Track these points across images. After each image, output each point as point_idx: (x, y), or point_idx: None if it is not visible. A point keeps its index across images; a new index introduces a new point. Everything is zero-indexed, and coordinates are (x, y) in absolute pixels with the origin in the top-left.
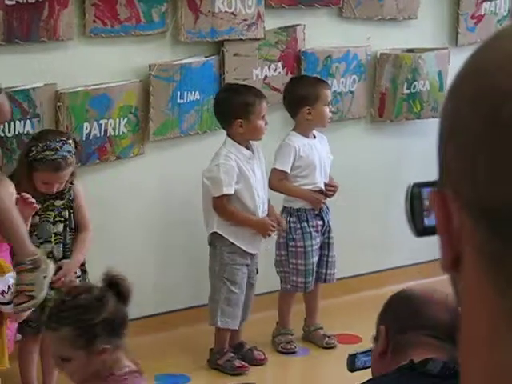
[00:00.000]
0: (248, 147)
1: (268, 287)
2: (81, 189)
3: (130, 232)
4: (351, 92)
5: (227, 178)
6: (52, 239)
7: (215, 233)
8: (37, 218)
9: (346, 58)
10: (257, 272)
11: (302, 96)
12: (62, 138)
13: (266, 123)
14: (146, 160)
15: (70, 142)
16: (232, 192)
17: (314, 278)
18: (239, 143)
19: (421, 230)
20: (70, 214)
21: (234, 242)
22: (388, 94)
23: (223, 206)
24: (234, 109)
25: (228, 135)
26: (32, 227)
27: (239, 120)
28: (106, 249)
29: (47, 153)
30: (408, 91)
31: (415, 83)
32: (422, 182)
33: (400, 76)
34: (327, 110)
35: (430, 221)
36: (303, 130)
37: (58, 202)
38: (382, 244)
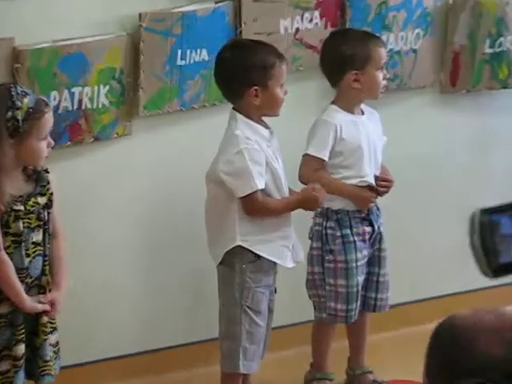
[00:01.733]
0: (263, 125)
1: (298, 316)
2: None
3: (110, 240)
4: (414, 51)
5: (257, 167)
6: (30, 251)
7: (235, 248)
8: (20, 224)
9: (407, 4)
10: (275, 291)
11: (348, 56)
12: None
13: (285, 93)
14: (133, 142)
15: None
16: (264, 185)
17: (359, 304)
18: (252, 120)
19: (496, 269)
20: (48, 214)
21: (263, 255)
22: (464, 55)
23: (259, 203)
24: (247, 73)
25: (236, 109)
26: (18, 237)
27: (254, 87)
28: (77, 261)
29: (26, 100)
30: (491, 50)
31: (501, 40)
32: (492, 207)
33: (480, 30)
34: (381, 75)
35: (505, 257)
36: (347, 102)
37: (42, 200)
38: (449, 260)
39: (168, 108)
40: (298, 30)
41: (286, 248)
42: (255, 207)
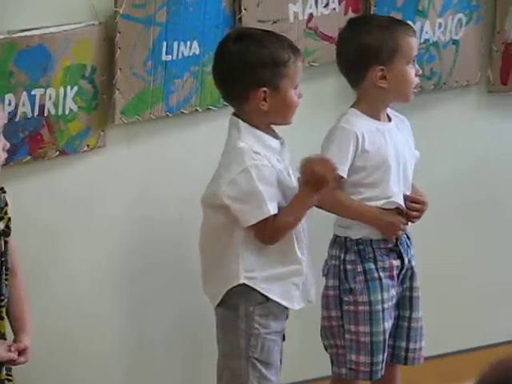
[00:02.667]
0: (273, 134)
1: (308, 371)
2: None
3: (82, 271)
4: (455, 42)
5: (268, 188)
6: None
7: (239, 287)
8: None
9: None
10: (283, 339)
11: (371, 49)
12: None
13: (299, 96)
14: (108, 156)
15: None
16: (276, 210)
17: (386, 355)
18: (259, 129)
19: None
20: (5, 244)
21: (270, 295)
22: None
23: (271, 228)
24: (255, 70)
25: (238, 115)
26: None
27: (263, 89)
28: (41, 309)
29: None
30: None
31: None
32: None
33: None
34: (412, 71)
35: None
36: (371, 106)
37: None
38: (498, 301)
39: (151, 114)
40: (311, 16)
41: (295, 286)
42: (269, 234)
